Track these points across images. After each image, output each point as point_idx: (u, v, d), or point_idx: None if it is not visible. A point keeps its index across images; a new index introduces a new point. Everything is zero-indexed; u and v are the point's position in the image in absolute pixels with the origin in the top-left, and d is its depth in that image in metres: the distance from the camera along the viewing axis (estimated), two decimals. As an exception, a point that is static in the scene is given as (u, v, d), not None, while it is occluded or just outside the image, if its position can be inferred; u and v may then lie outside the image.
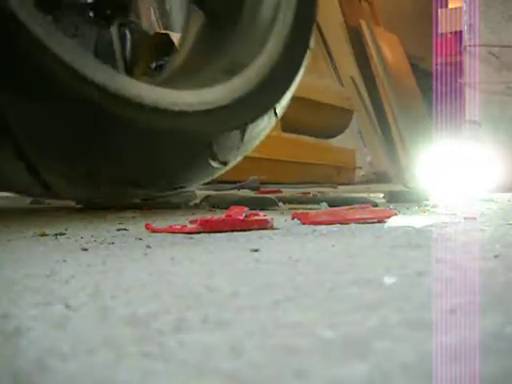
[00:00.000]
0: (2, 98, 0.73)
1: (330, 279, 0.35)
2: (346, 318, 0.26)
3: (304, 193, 1.44)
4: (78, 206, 1.03)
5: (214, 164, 0.99)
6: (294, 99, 1.13)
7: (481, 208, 0.99)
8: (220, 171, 1.05)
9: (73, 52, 0.76)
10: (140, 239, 0.56)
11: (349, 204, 0.94)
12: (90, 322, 0.26)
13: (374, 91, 4.10)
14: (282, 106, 1.11)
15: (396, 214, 0.78)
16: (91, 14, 1.17)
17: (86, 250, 0.49)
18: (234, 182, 2.01)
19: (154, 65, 2.36)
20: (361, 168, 3.30)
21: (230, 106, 0.96)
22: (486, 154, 2.35)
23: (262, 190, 1.79)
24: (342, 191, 1.79)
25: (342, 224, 0.69)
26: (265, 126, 1.07)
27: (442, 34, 4.64)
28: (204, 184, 1.92)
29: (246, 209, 0.69)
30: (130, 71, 2.84)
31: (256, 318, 0.26)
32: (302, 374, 0.19)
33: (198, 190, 1.38)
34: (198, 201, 1.07)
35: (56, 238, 0.57)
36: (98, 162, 0.84)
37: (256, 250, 0.47)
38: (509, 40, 2.66)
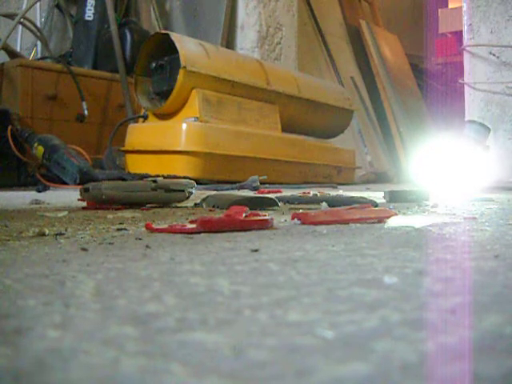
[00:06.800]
0: None
1: (330, 279, 0.35)
2: (346, 317, 0.26)
3: (304, 193, 1.44)
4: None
5: None
6: (294, 99, 1.12)
7: (481, 208, 0.99)
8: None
9: None
10: (140, 239, 0.56)
11: (349, 204, 0.94)
12: (90, 321, 0.26)
13: (373, 91, 4.10)
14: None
15: (396, 214, 0.78)
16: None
17: (85, 250, 0.49)
18: (234, 182, 2.01)
19: (153, 65, 2.36)
20: (361, 168, 3.30)
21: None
22: (485, 153, 2.35)
23: (262, 189, 1.79)
24: (342, 191, 1.79)
25: (341, 224, 0.69)
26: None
27: (442, 34, 4.64)
28: (203, 184, 1.92)
29: (245, 209, 0.69)
30: (129, 71, 2.84)
31: (256, 317, 0.26)
32: (303, 373, 0.19)
33: (197, 190, 1.37)
34: (198, 201, 1.07)
35: (56, 238, 0.57)
36: None
37: (256, 250, 0.47)
38: (509, 40, 2.66)
